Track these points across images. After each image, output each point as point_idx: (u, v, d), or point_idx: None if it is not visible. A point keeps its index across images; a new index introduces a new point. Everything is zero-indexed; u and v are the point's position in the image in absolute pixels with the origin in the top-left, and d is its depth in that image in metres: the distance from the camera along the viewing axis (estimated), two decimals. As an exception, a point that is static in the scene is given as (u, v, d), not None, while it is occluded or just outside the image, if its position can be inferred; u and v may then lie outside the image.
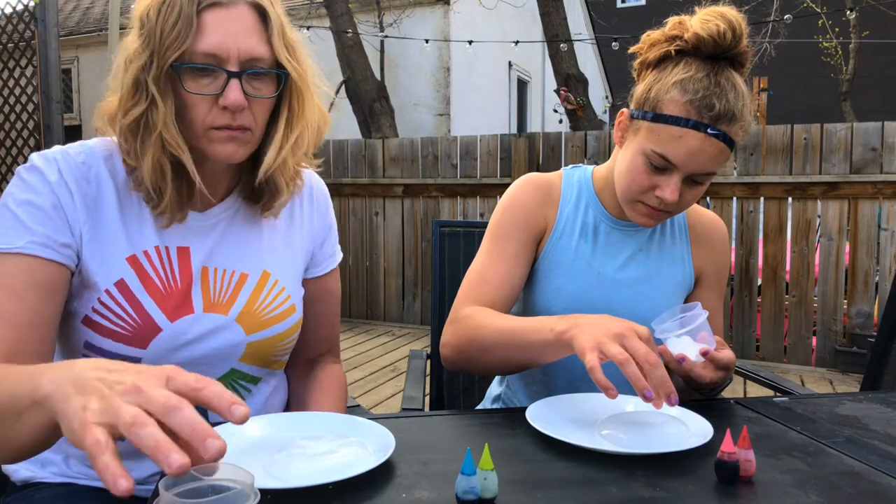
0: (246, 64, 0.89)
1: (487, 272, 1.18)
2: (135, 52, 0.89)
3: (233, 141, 0.91)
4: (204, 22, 0.87)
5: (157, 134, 0.88)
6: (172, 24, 0.86)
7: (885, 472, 0.78)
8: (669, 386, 0.83)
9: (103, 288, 0.92)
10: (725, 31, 1.03)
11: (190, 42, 0.86)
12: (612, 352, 0.83)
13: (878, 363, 1.62)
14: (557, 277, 1.20)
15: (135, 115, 0.88)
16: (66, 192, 0.91)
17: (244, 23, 0.89)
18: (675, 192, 1.06)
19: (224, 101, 0.88)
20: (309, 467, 0.75)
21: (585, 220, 1.23)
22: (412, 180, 5.48)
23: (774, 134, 4.38)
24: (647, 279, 1.21)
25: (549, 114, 11.21)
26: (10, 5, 5.11)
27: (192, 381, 0.60)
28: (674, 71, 1.06)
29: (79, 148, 0.95)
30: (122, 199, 0.95)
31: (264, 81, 0.92)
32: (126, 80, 0.89)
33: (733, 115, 1.03)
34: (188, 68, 0.88)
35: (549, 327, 0.95)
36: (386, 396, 3.70)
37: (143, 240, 0.95)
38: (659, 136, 1.05)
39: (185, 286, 0.96)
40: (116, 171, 0.96)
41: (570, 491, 0.72)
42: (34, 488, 1.00)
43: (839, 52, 10.89)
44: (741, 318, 4.50)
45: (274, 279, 1.04)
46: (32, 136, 5.21)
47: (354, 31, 6.72)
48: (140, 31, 0.90)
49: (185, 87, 0.88)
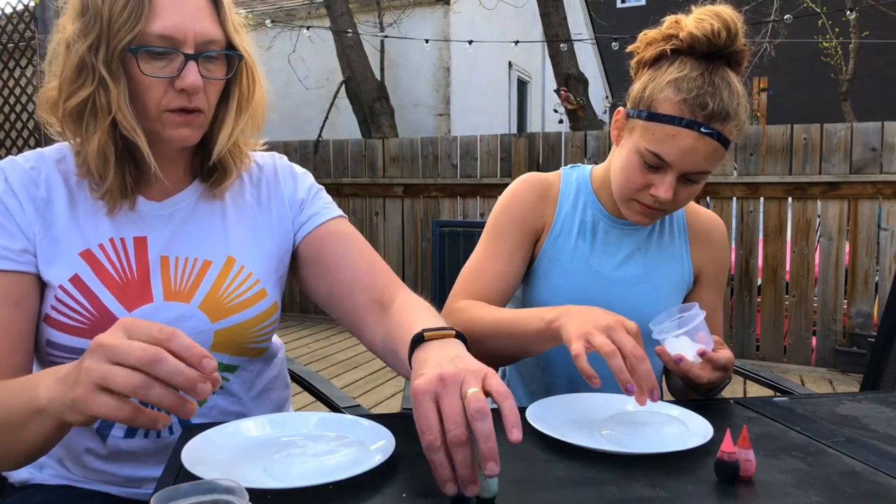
0: (201, 46, 0.89)
1: (482, 269, 1.19)
2: (76, 34, 0.87)
3: (187, 126, 0.91)
4: (157, 4, 0.86)
5: (108, 118, 0.87)
6: (122, 5, 0.85)
7: (885, 472, 0.78)
8: (653, 381, 0.83)
9: (57, 284, 0.92)
10: (720, 30, 1.03)
11: (143, 24, 0.85)
12: (598, 342, 0.84)
13: (878, 363, 1.62)
14: (555, 276, 1.20)
15: (80, 98, 0.87)
16: (13, 200, 0.91)
17: (198, 4, 0.89)
18: (670, 190, 1.06)
19: (181, 84, 0.88)
20: (309, 467, 0.75)
21: (584, 218, 1.23)
22: (412, 180, 5.48)
23: (774, 134, 4.38)
24: (646, 277, 1.21)
25: (549, 114, 11.20)
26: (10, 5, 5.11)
27: (155, 333, 0.65)
28: (668, 70, 1.06)
29: (29, 155, 0.97)
30: (74, 197, 0.95)
31: (217, 63, 0.93)
32: (69, 63, 0.88)
33: (727, 113, 1.03)
34: (144, 51, 0.87)
35: (539, 317, 0.97)
36: (386, 396, 3.70)
37: (97, 233, 0.95)
38: (653, 135, 1.06)
39: (142, 276, 0.95)
40: (68, 172, 0.96)
41: (570, 491, 0.72)
42: (32, 490, 1.00)
43: (839, 52, 10.89)
44: (741, 318, 4.50)
45: (240, 265, 1.01)
46: (32, 135, 5.21)
47: (354, 31, 6.72)
48: (82, 12, 0.88)
49: (142, 70, 0.87)
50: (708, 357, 0.96)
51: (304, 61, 7.50)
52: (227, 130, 0.96)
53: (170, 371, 0.63)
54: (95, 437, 0.96)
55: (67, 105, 0.88)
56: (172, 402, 0.64)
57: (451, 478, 0.64)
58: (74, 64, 0.87)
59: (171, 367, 0.63)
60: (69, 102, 0.88)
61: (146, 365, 0.62)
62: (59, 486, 0.99)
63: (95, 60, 0.86)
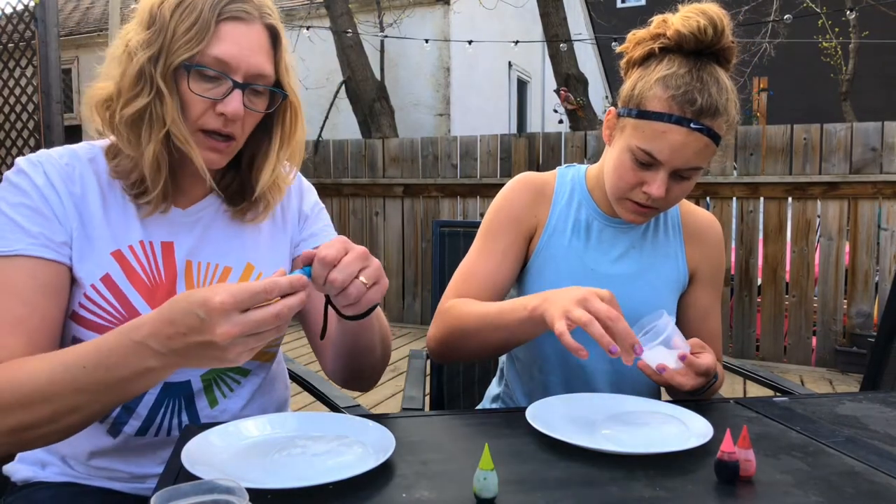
0: (251, 78, 0.93)
1: (475, 268, 1.22)
2: (140, 44, 0.90)
3: (216, 152, 0.95)
4: (221, 31, 0.90)
5: (164, 129, 0.90)
6: (189, 26, 0.89)
7: (885, 472, 0.78)
8: (632, 337, 0.88)
9: (89, 283, 0.93)
10: (706, 27, 1.04)
11: (204, 45, 0.89)
12: (576, 315, 0.88)
13: (878, 363, 1.62)
14: (550, 273, 1.21)
15: (137, 107, 0.90)
16: (53, 193, 0.92)
17: (259, 40, 0.93)
18: (662, 187, 1.07)
19: (223, 108, 0.91)
20: (309, 467, 0.75)
21: (578, 217, 1.24)
22: (412, 180, 5.48)
23: (774, 134, 4.39)
24: (640, 275, 1.21)
25: (549, 114, 11.20)
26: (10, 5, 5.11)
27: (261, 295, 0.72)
28: (657, 68, 1.07)
29: (62, 151, 0.97)
30: (106, 196, 0.97)
31: (260, 97, 0.96)
32: (130, 70, 0.90)
33: (716, 109, 1.04)
34: (198, 70, 0.90)
35: (522, 305, 1.01)
36: (386, 396, 3.70)
37: (127, 235, 0.97)
38: (643, 133, 1.06)
39: (169, 280, 0.98)
40: (100, 171, 0.98)
41: (570, 491, 0.72)
42: (35, 488, 1.00)
43: (839, 52, 10.88)
44: (741, 318, 4.50)
45: (258, 272, 1.05)
46: (32, 136, 5.21)
47: (354, 31, 6.72)
48: (149, 24, 0.91)
49: (190, 87, 0.90)
50: (689, 362, 0.98)
51: (304, 61, 7.49)
52: (270, 168, 1.01)
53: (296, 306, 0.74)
54: (106, 434, 0.98)
55: (124, 112, 0.91)
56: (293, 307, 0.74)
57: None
58: (135, 72, 0.90)
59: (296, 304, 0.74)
60: (126, 110, 0.90)
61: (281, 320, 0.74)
62: (62, 484, 1.00)
63: (154, 71, 0.89)
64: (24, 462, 1.03)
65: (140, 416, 0.97)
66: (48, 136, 5.00)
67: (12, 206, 0.90)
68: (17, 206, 0.90)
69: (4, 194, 0.92)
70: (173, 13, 0.89)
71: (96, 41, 9.35)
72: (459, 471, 0.75)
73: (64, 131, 5.14)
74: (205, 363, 0.74)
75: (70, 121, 9.02)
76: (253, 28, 0.93)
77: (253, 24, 0.93)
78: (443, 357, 1.21)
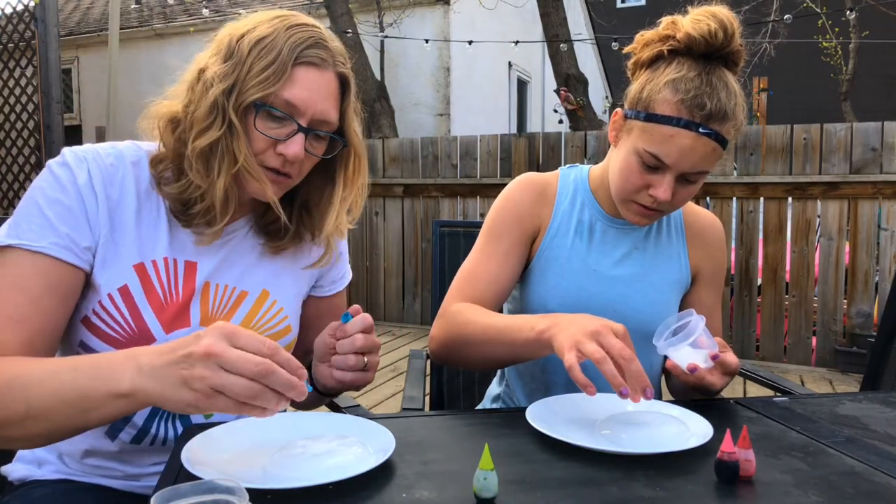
0: (315, 123, 0.94)
1: (478, 270, 1.20)
2: (216, 75, 0.90)
3: (274, 183, 0.95)
4: (295, 74, 0.91)
5: (235, 165, 0.90)
6: (266, 65, 0.89)
7: (885, 472, 0.78)
8: (645, 380, 0.85)
9: (106, 292, 0.92)
10: (716, 31, 1.03)
11: (277, 87, 0.89)
12: (589, 350, 0.85)
13: (878, 363, 1.62)
14: (553, 275, 1.21)
15: (210, 140, 0.90)
16: (91, 195, 0.91)
17: (329, 88, 0.95)
18: (668, 191, 1.06)
19: (284, 149, 0.92)
20: (309, 467, 0.75)
21: (581, 218, 1.23)
22: (412, 180, 5.48)
23: (774, 134, 4.38)
24: (643, 276, 1.21)
25: (549, 114, 11.20)
26: (10, 5, 5.11)
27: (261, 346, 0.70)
28: (666, 71, 1.06)
29: (109, 149, 0.96)
30: (141, 205, 0.96)
31: (321, 142, 0.98)
32: (204, 102, 0.90)
33: (725, 114, 1.04)
34: (267, 110, 0.91)
35: (530, 326, 0.98)
36: (386, 396, 3.70)
37: (154, 249, 0.96)
38: (651, 136, 1.06)
39: (185, 299, 0.97)
40: (141, 178, 0.96)
41: (570, 491, 0.72)
42: (31, 486, 1.00)
43: (839, 52, 10.88)
44: (741, 318, 4.50)
45: (273, 299, 1.05)
46: (32, 136, 5.21)
47: (354, 31, 6.72)
48: (226, 56, 0.91)
49: (256, 125, 0.91)
50: (720, 361, 0.97)
51: (304, 61, 7.49)
52: (333, 213, 1.02)
53: (282, 383, 0.69)
54: (104, 436, 0.98)
55: (196, 144, 0.90)
56: (278, 401, 0.70)
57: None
58: (209, 104, 0.90)
59: (283, 380, 0.69)
60: (198, 142, 0.90)
61: (260, 376, 0.68)
62: (58, 481, 1.00)
63: (227, 105, 0.89)
64: (22, 461, 1.03)
65: (136, 425, 0.97)
66: (48, 136, 5.00)
67: (48, 201, 0.89)
68: (52, 202, 0.89)
69: (43, 185, 0.90)
70: (252, 49, 0.90)
71: (96, 41, 9.35)
72: (459, 471, 0.75)
73: (64, 131, 5.14)
74: (167, 386, 0.70)
75: (70, 121, 9.03)
76: (325, 75, 0.94)
77: (326, 72, 0.94)
78: (443, 360, 1.20)
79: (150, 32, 9.38)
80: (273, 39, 0.90)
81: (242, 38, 0.91)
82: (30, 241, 0.86)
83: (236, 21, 0.96)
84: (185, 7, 9.60)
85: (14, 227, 0.88)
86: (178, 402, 0.70)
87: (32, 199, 0.90)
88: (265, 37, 0.90)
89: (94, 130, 6.60)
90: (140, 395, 0.72)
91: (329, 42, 0.96)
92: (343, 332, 0.96)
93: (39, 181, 0.91)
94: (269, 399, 0.69)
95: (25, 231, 0.87)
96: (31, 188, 0.91)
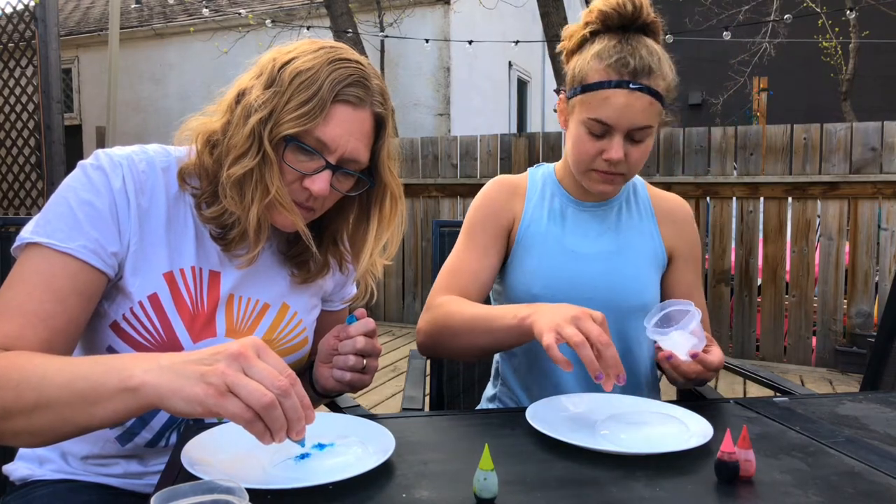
0: (344, 161, 0.94)
1: (460, 265, 1.27)
2: (257, 102, 0.90)
3: (297, 215, 0.95)
4: (332, 113, 0.90)
5: (268, 196, 0.90)
6: (305, 99, 0.88)
7: (885, 472, 0.78)
8: (619, 366, 0.88)
9: (137, 299, 0.92)
10: (625, 3, 1.14)
11: (311, 125, 0.89)
12: (567, 333, 0.88)
13: (878, 363, 1.62)
14: (532, 259, 1.26)
15: (245, 169, 0.89)
16: (124, 202, 0.91)
17: (363, 127, 0.94)
18: (620, 150, 1.14)
19: (310, 184, 0.92)
20: (309, 467, 0.75)
21: (552, 206, 1.30)
22: (412, 180, 5.48)
23: (774, 134, 4.38)
24: (619, 252, 1.26)
25: (549, 114, 11.21)
26: (10, 5, 5.11)
27: (283, 370, 0.69)
28: (591, 47, 1.17)
29: (140, 155, 0.95)
30: (170, 213, 0.96)
31: (348, 179, 0.97)
32: (243, 130, 0.90)
33: (650, 68, 1.12)
34: (298, 145, 0.90)
35: (512, 314, 1.02)
36: (386, 396, 3.70)
37: (182, 258, 0.96)
38: (590, 104, 1.14)
39: (211, 309, 0.97)
40: (170, 185, 0.96)
41: (570, 491, 0.72)
42: (31, 486, 1.00)
43: (839, 52, 10.88)
44: (741, 318, 4.50)
45: (293, 311, 1.06)
46: (33, 135, 5.21)
47: (354, 31, 6.72)
48: (267, 83, 0.91)
49: (285, 157, 0.91)
50: (700, 359, 1.00)
51: (304, 61, 7.49)
52: (367, 252, 1.02)
53: (294, 409, 0.68)
54: (114, 441, 0.98)
55: (231, 172, 0.90)
56: (283, 426, 0.68)
57: None
58: (247, 132, 0.89)
59: (294, 405, 0.68)
60: (233, 170, 0.90)
61: (277, 392, 0.67)
62: (59, 481, 1.00)
63: (263, 134, 0.89)
64: (24, 460, 1.03)
65: (153, 429, 0.97)
66: (48, 135, 5.00)
67: (81, 203, 0.88)
68: (84, 204, 0.88)
69: (76, 185, 0.90)
70: (293, 80, 0.89)
71: (96, 41, 9.35)
72: (459, 471, 0.75)
73: (64, 131, 5.14)
74: (181, 379, 0.68)
75: (70, 121, 9.03)
76: (360, 114, 0.93)
77: (362, 111, 0.93)
78: (430, 351, 1.25)
79: (150, 32, 9.39)
80: (314, 73, 0.89)
81: (285, 68, 0.90)
82: (59, 241, 0.86)
83: (283, 45, 0.96)
84: (185, 7, 9.61)
85: (44, 225, 0.87)
86: (187, 396, 0.67)
87: (64, 198, 0.89)
88: (307, 69, 0.90)
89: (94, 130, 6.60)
90: (147, 388, 0.69)
91: (370, 80, 0.94)
92: (346, 334, 0.97)
93: (72, 181, 0.90)
94: (276, 419, 0.67)
95: (55, 230, 0.87)
96: (62, 186, 0.91)
